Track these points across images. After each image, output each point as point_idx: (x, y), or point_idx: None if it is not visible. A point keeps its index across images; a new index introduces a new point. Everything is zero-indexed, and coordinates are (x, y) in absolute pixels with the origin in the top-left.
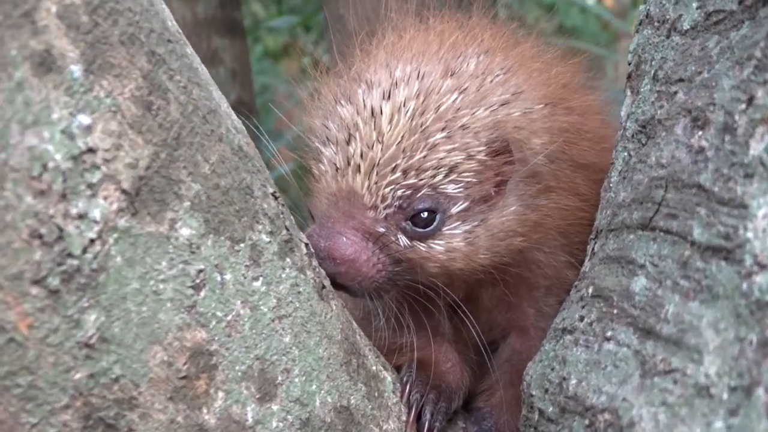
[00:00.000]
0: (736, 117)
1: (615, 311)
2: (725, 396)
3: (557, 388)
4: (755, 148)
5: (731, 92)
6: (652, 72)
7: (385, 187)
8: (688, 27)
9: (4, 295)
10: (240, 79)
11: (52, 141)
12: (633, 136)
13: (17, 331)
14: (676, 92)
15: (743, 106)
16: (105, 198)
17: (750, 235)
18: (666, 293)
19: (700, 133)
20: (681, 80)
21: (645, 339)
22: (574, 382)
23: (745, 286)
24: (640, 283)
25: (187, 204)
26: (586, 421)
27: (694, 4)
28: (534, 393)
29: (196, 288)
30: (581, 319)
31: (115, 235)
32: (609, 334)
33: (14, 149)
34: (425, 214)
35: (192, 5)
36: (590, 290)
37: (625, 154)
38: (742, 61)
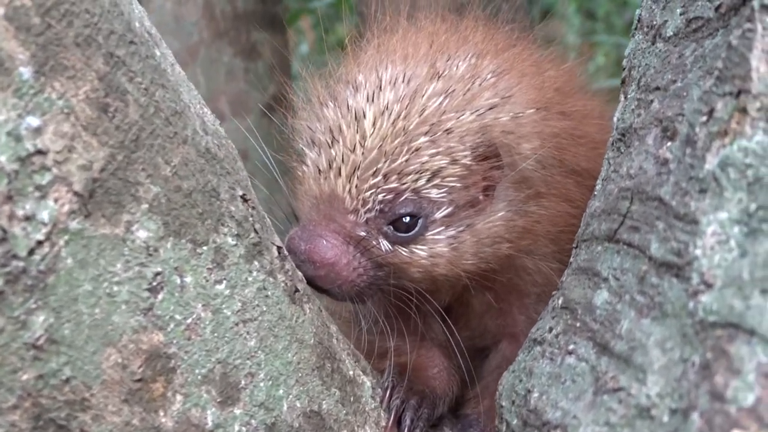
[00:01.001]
0: (697, 129)
1: (578, 324)
2: (665, 418)
3: (522, 400)
4: (710, 162)
5: (696, 103)
6: (638, 78)
7: (366, 191)
8: (671, 33)
9: None
10: (280, 69)
11: None
12: (614, 144)
13: None
14: (652, 101)
15: (704, 118)
16: (55, 200)
17: (699, 252)
18: (624, 308)
19: (668, 144)
20: (657, 88)
21: (601, 354)
22: (536, 395)
23: (691, 304)
24: (602, 296)
25: (145, 206)
26: None
27: (678, 10)
28: (503, 404)
29: (153, 291)
30: (550, 330)
31: (66, 237)
32: (571, 347)
33: None
34: (407, 219)
35: (231, 1)
36: (560, 301)
37: (607, 163)
38: (710, 72)
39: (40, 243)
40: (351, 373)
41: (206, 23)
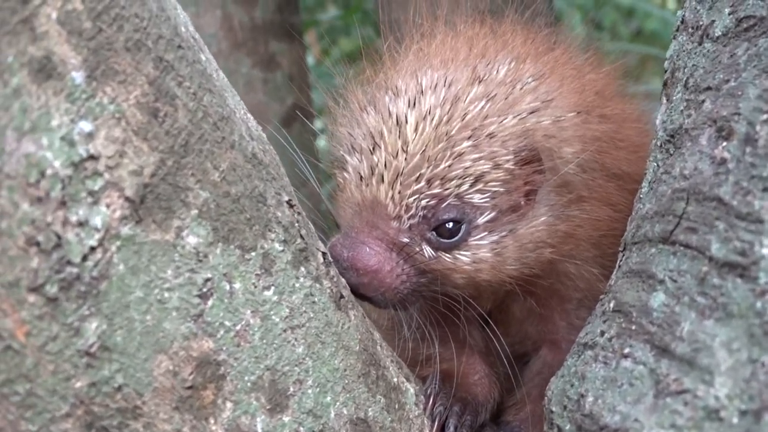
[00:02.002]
0: (758, 128)
1: (633, 327)
2: (735, 420)
3: (575, 405)
4: None
5: (755, 101)
6: (684, 79)
7: (409, 197)
8: (720, 33)
9: (1, 302)
10: (297, 83)
11: (50, 148)
12: (662, 145)
13: (14, 339)
14: (703, 101)
15: (765, 116)
16: (107, 205)
17: (765, 251)
18: (683, 310)
19: (724, 143)
20: (709, 88)
21: (660, 357)
22: (591, 399)
23: (759, 305)
24: (659, 298)
25: (194, 212)
26: None
27: (727, 10)
28: (554, 409)
29: (203, 297)
30: (602, 334)
31: (118, 243)
32: (627, 350)
33: (10, 156)
34: (450, 225)
35: (250, 10)
36: (612, 305)
37: (655, 164)
38: None
39: (93, 249)
40: (395, 380)
41: (224, 34)
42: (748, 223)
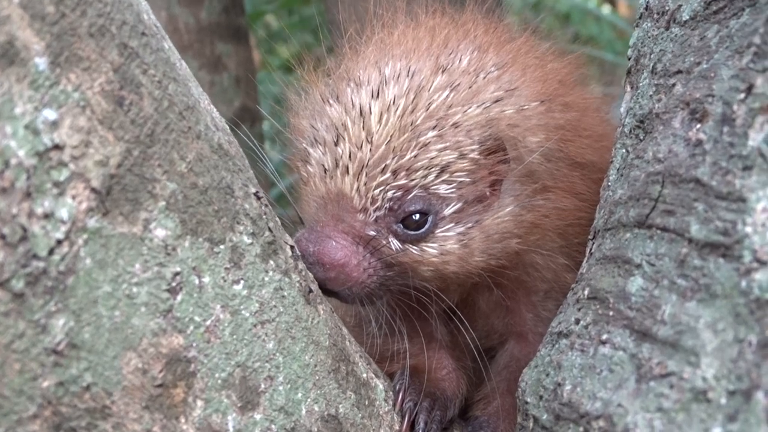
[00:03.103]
0: (735, 107)
1: (611, 313)
2: (723, 400)
3: (552, 394)
4: (754, 139)
5: (730, 82)
6: (651, 65)
7: (374, 189)
8: (688, 17)
9: None
10: (244, 86)
11: (14, 136)
12: (631, 131)
13: None
14: (674, 84)
15: (742, 95)
16: (73, 197)
17: (749, 230)
18: (663, 293)
19: (699, 125)
20: (679, 72)
21: (641, 342)
22: (568, 387)
23: (744, 283)
24: (636, 283)
25: (162, 204)
26: (581, 429)
27: None
28: (529, 400)
29: (173, 291)
30: (577, 322)
31: (85, 236)
32: (605, 337)
33: None
34: (417, 216)
35: (195, 11)
36: (586, 292)
37: (623, 150)
38: (742, 50)
39: (59, 242)
40: (365, 375)
41: (169, 36)
42: (729, 203)
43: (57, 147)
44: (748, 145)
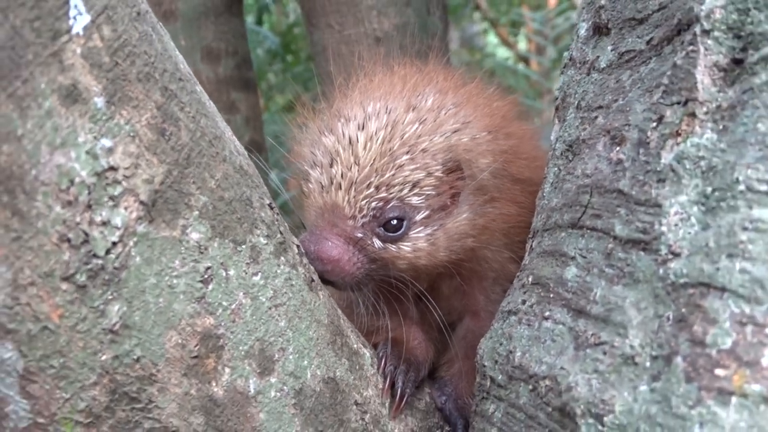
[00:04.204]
0: (649, 133)
1: (551, 295)
2: (648, 364)
3: (505, 359)
4: (666, 158)
5: (644, 114)
6: (576, 102)
7: (361, 200)
8: (605, 65)
9: (38, 290)
10: (252, 124)
11: (78, 160)
12: (561, 154)
13: (50, 321)
14: (596, 117)
15: (654, 124)
16: (125, 208)
17: (664, 228)
18: (594, 279)
19: (618, 148)
20: (600, 107)
21: (577, 317)
22: (519, 354)
23: (661, 271)
24: (571, 271)
25: (196, 213)
26: (530, 387)
27: (609, 47)
28: (486, 364)
29: (205, 282)
30: (523, 302)
31: (135, 239)
32: (547, 314)
33: (44, 167)
34: (395, 221)
35: (214, 67)
36: (530, 279)
37: (556, 169)
38: (652, 89)
39: (114, 244)
40: (355, 346)
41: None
42: (647, 208)
43: (112, 168)
44: (662, 162)
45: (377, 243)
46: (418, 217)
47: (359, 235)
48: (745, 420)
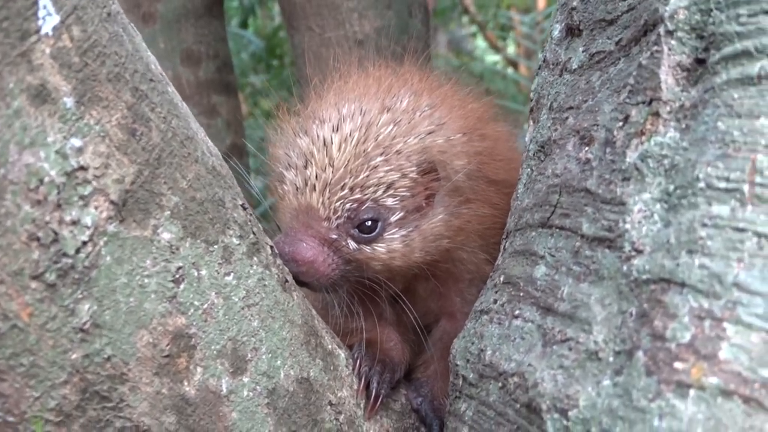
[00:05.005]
0: (615, 133)
1: (521, 294)
2: (611, 359)
3: (476, 358)
4: (631, 156)
5: (611, 114)
6: (549, 104)
7: (336, 202)
8: (576, 66)
9: (7, 288)
10: (234, 128)
11: (47, 159)
12: (534, 154)
13: (19, 319)
14: (567, 118)
15: (620, 123)
16: (96, 207)
17: (628, 226)
18: (562, 277)
19: (587, 148)
20: (571, 108)
21: (546, 315)
22: (489, 352)
23: (625, 268)
24: (541, 270)
25: (167, 213)
26: (500, 384)
27: (580, 48)
28: (458, 363)
29: (176, 282)
30: (495, 302)
31: (105, 238)
32: (517, 312)
33: (13, 166)
34: (369, 223)
35: (195, 70)
36: (501, 278)
37: (528, 170)
38: (619, 89)
39: (84, 243)
40: (330, 347)
41: (174, 90)
42: (612, 206)
43: (82, 168)
44: (627, 161)
45: (352, 244)
46: (393, 219)
47: (334, 236)
48: (702, 412)
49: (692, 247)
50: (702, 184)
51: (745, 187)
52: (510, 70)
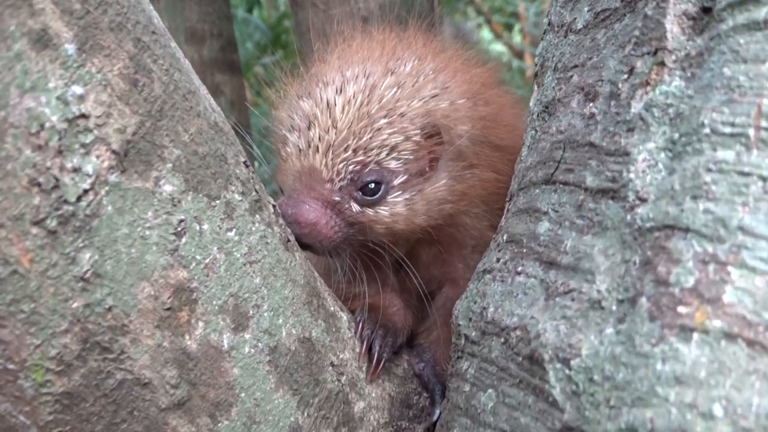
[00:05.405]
0: (620, 85)
1: (524, 250)
2: (614, 307)
3: (479, 316)
4: (635, 107)
5: (616, 67)
6: (553, 65)
7: (339, 164)
8: (581, 26)
9: (7, 232)
10: (237, 107)
11: (48, 105)
12: (538, 116)
13: (20, 264)
14: (571, 76)
15: (625, 76)
16: (97, 156)
17: (632, 176)
18: (565, 231)
19: (591, 104)
20: (575, 66)
21: (548, 269)
22: (492, 309)
23: (629, 217)
24: (544, 226)
25: (169, 165)
26: (502, 339)
27: (585, 8)
28: (461, 323)
29: (178, 235)
30: (498, 260)
31: (107, 188)
32: (519, 269)
33: (13, 109)
34: (372, 185)
35: (199, 49)
36: (504, 237)
37: (533, 131)
38: (624, 44)
39: (86, 191)
40: (332, 309)
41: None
42: (616, 157)
43: (83, 116)
44: (631, 112)
45: (355, 207)
46: (396, 182)
47: (337, 198)
48: (706, 355)
49: (697, 192)
50: (707, 130)
51: (751, 132)
52: (516, 61)
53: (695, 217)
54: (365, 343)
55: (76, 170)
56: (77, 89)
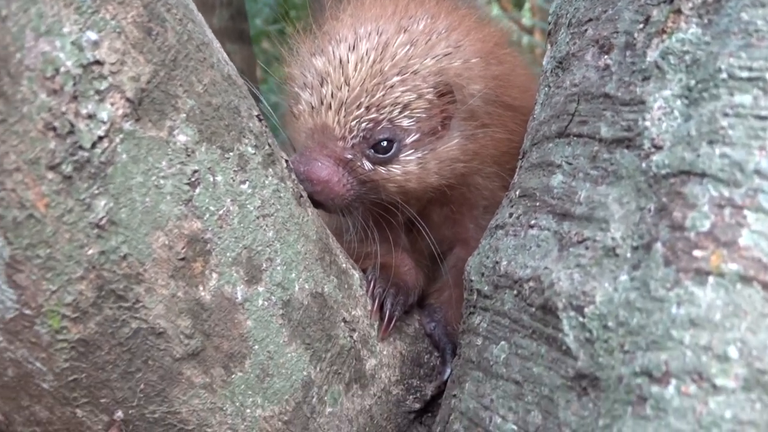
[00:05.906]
0: (636, 35)
1: (537, 204)
2: (629, 255)
3: (491, 270)
4: (651, 56)
5: (631, 17)
6: (567, 22)
7: (351, 121)
8: None
9: (24, 176)
10: (247, 75)
11: (63, 50)
12: (551, 71)
13: (36, 209)
14: (586, 30)
15: (641, 25)
16: (111, 104)
17: (648, 123)
18: (579, 183)
19: (606, 56)
20: (590, 20)
21: (562, 221)
22: (505, 263)
23: (644, 165)
24: (557, 179)
25: (183, 115)
26: (515, 292)
27: None
28: (473, 278)
29: (192, 185)
30: (510, 215)
31: (121, 136)
32: (533, 222)
33: (29, 52)
34: (385, 143)
35: (209, 18)
36: (517, 192)
37: (546, 88)
38: None
39: (101, 138)
40: (344, 265)
41: None
42: (631, 107)
43: (98, 62)
44: (647, 61)
45: (367, 165)
46: (409, 140)
47: (349, 156)
48: (721, 298)
49: (713, 137)
50: (724, 75)
51: None
52: (526, 37)
53: (711, 161)
54: (377, 301)
55: (90, 116)
56: (92, 35)
